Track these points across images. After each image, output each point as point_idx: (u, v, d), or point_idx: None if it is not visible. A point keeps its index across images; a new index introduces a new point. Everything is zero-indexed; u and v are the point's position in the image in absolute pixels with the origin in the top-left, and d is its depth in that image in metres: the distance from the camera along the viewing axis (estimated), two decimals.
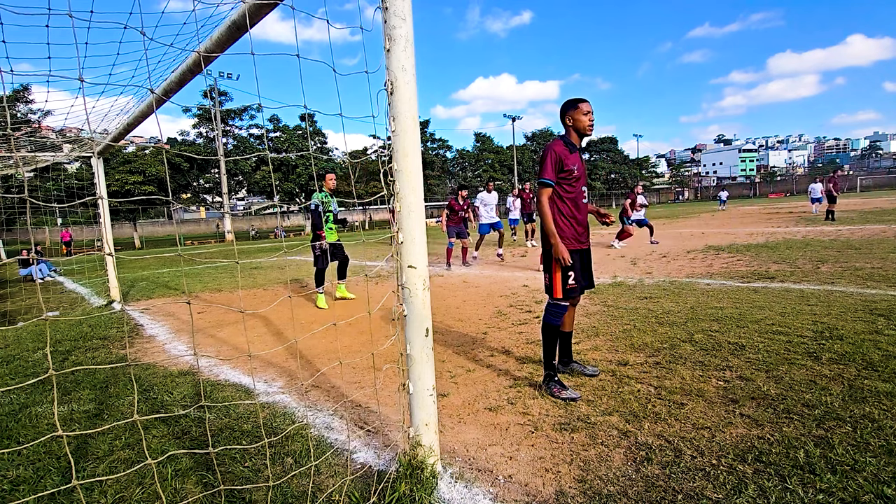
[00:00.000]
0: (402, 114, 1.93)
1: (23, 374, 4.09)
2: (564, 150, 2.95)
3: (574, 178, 2.97)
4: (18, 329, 5.95)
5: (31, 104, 28.67)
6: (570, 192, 2.99)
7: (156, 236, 42.93)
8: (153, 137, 38.47)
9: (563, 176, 2.95)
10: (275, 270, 11.34)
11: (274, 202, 51.38)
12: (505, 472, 2.18)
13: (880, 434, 2.22)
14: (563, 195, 2.99)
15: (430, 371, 2.06)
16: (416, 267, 2.00)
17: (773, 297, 5.10)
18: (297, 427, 2.70)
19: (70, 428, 2.88)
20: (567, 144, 2.99)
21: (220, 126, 38.48)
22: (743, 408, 2.59)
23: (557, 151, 2.93)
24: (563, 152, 2.94)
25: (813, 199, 19.60)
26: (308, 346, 4.48)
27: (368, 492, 2.02)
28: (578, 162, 2.99)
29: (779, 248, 9.28)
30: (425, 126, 50.33)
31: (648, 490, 1.95)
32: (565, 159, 2.93)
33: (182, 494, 2.11)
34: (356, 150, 43.57)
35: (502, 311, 5.47)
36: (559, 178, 2.96)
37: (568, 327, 3.29)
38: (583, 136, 3.03)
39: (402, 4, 1.86)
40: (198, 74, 3.42)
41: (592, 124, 2.97)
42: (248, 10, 2.18)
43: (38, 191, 15.61)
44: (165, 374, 3.85)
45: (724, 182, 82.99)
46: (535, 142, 60.41)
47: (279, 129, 43.98)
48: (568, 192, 2.99)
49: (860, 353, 3.22)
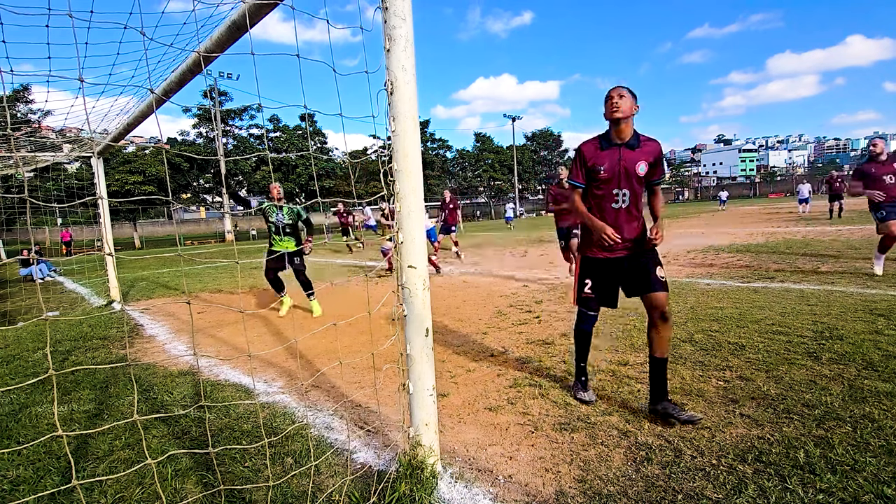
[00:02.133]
0: (402, 114, 1.93)
1: (23, 374, 4.09)
2: (591, 148, 2.69)
3: (602, 181, 2.65)
4: (18, 329, 5.95)
5: (31, 104, 28.67)
6: (596, 195, 2.72)
7: (156, 236, 42.93)
8: (153, 137, 38.48)
9: (592, 175, 2.69)
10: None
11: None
12: (505, 472, 2.18)
13: (880, 434, 2.22)
14: (591, 197, 2.75)
15: (430, 371, 2.06)
16: (416, 267, 2.01)
17: (773, 297, 5.10)
18: (297, 427, 2.70)
19: (70, 428, 2.88)
20: (600, 141, 2.68)
21: (220, 126, 38.48)
22: (743, 408, 2.59)
23: (582, 150, 2.72)
24: (588, 150, 2.69)
25: (801, 199, 19.75)
26: (308, 346, 4.48)
27: (368, 492, 2.02)
28: (609, 161, 2.63)
29: (779, 248, 9.27)
30: (425, 126, 50.36)
31: (648, 490, 1.95)
32: (591, 158, 2.68)
33: (182, 494, 2.11)
34: (356, 150, 43.61)
35: (502, 311, 5.47)
36: (589, 179, 2.72)
37: (657, 350, 2.59)
38: (613, 126, 2.63)
39: (402, 4, 1.86)
40: (198, 74, 3.42)
41: (613, 110, 2.57)
42: (248, 10, 2.18)
43: (38, 191, 15.61)
44: (165, 374, 3.85)
45: (724, 182, 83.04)
46: (534, 142, 60.43)
47: (279, 129, 44.03)
48: (594, 195, 2.73)
49: (860, 353, 3.22)
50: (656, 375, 2.57)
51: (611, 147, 2.64)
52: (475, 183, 55.06)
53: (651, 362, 2.61)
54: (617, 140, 2.62)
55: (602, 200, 2.69)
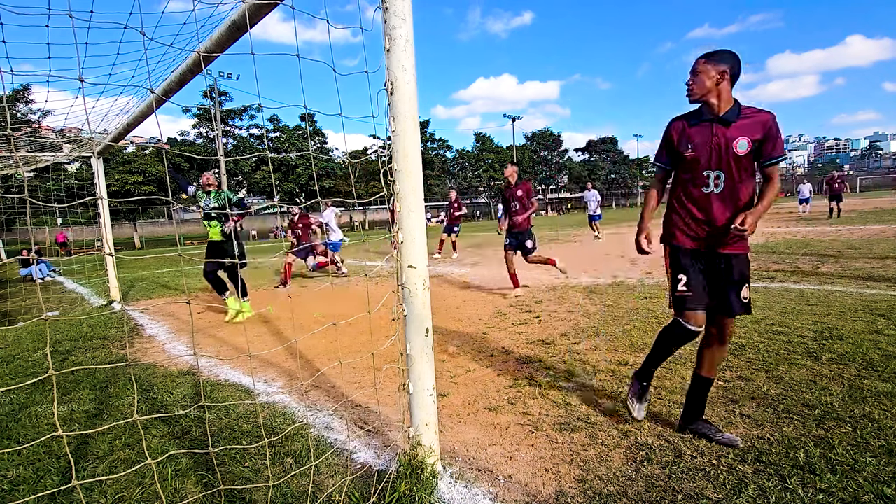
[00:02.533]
0: (402, 114, 1.93)
1: (23, 374, 4.09)
2: (679, 125, 2.33)
3: (689, 161, 2.27)
4: (18, 329, 5.95)
5: (31, 104, 28.68)
6: (683, 178, 2.34)
7: (156, 236, 42.92)
8: (153, 137, 38.45)
9: (678, 155, 2.33)
10: (275, 270, 11.34)
11: (274, 202, 51.36)
12: (505, 472, 2.18)
13: (880, 434, 2.22)
14: (678, 182, 2.39)
15: (430, 371, 2.06)
16: (416, 267, 2.01)
17: (773, 297, 5.09)
18: (297, 427, 2.70)
19: (70, 428, 2.88)
20: (690, 116, 2.32)
21: (220, 126, 38.48)
22: (743, 408, 2.59)
23: (669, 127, 2.38)
24: (676, 127, 2.34)
25: (801, 199, 19.81)
26: (308, 346, 4.48)
27: (368, 492, 2.02)
28: (699, 138, 2.24)
29: (779, 248, 9.27)
30: (425, 126, 50.37)
31: (648, 490, 1.95)
32: (677, 136, 2.32)
33: (182, 494, 2.11)
34: (356, 150, 43.61)
35: (502, 311, 5.47)
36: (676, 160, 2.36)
37: (706, 370, 2.38)
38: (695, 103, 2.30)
39: (402, 4, 1.86)
40: (198, 74, 3.42)
41: (688, 87, 2.27)
42: (248, 10, 2.18)
43: (38, 191, 15.62)
44: (165, 374, 3.85)
45: None
46: (534, 142, 60.44)
47: (279, 129, 44.03)
48: (681, 178, 2.36)
49: (860, 353, 3.22)
50: (696, 394, 2.38)
51: (702, 122, 2.26)
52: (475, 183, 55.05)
53: (694, 380, 2.40)
54: (709, 114, 2.24)
55: (689, 184, 2.31)
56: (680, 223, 2.36)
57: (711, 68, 2.19)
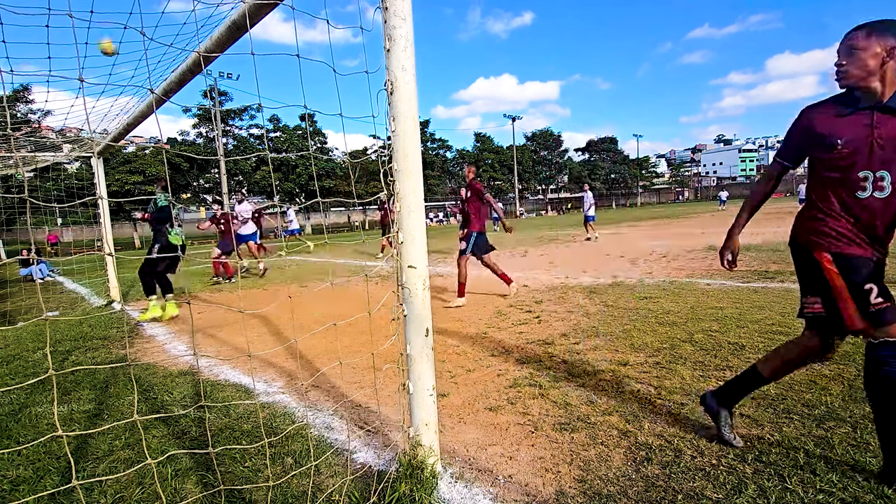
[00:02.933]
0: (402, 114, 1.93)
1: (23, 374, 4.09)
2: (823, 114, 1.92)
3: (838, 159, 1.86)
4: (18, 329, 5.95)
5: (31, 104, 28.67)
6: (830, 179, 1.92)
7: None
8: (153, 137, 38.47)
9: (819, 151, 1.93)
10: (275, 270, 11.34)
11: (274, 202, 51.36)
12: (505, 472, 2.18)
13: None
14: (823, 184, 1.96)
15: (430, 371, 2.06)
16: (416, 267, 2.01)
17: (773, 297, 5.10)
18: (297, 427, 2.70)
19: (70, 428, 2.88)
20: (838, 103, 1.90)
21: (220, 126, 38.47)
22: (743, 408, 2.59)
23: (810, 118, 1.95)
24: (818, 117, 1.92)
25: (801, 199, 19.89)
26: (308, 346, 4.49)
27: (368, 492, 2.02)
28: (853, 130, 1.83)
29: (779, 248, 9.27)
30: (425, 126, 50.34)
31: (648, 490, 1.95)
32: (819, 126, 1.91)
33: (182, 494, 2.11)
34: (356, 150, 43.59)
35: (502, 311, 5.47)
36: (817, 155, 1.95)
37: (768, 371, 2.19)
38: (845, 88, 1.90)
39: (402, 4, 1.86)
40: (198, 74, 3.42)
41: (839, 69, 1.86)
42: (248, 10, 2.18)
43: (38, 191, 15.61)
44: (165, 374, 3.85)
45: (725, 182, 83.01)
46: (534, 142, 60.45)
47: (279, 129, 44.00)
48: (826, 180, 1.94)
49: (860, 353, 3.22)
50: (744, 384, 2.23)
51: (857, 112, 1.84)
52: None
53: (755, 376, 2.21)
54: (865, 102, 1.82)
55: (840, 187, 1.89)
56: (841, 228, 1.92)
57: (876, 43, 1.77)
